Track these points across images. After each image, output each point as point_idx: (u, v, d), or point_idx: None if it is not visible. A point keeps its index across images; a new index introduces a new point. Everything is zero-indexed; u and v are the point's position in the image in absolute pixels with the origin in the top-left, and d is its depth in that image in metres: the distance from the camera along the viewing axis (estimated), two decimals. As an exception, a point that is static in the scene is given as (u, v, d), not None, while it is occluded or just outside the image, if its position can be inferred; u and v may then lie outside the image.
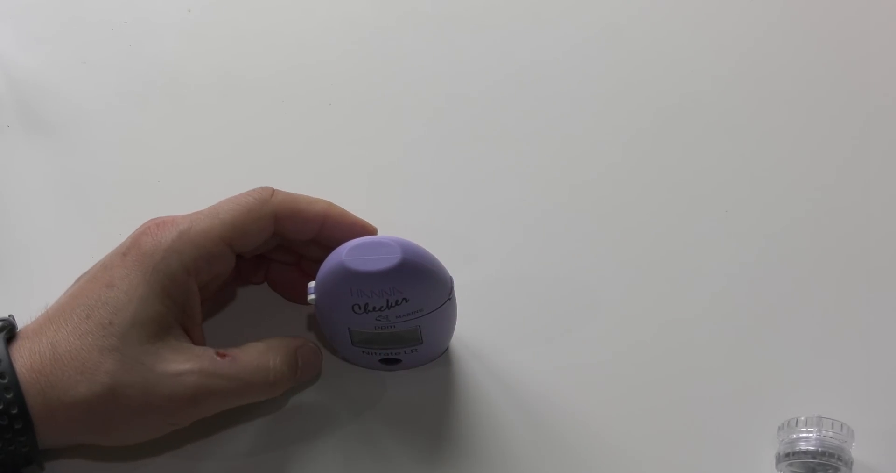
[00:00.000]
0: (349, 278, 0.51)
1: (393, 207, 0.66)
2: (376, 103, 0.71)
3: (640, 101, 0.70)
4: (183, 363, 0.52)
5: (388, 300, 0.52)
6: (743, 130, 0.69)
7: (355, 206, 0.58)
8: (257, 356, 0.54)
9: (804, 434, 0.55)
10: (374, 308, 0.53)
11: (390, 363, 0.58)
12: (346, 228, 0.56)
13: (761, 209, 0.66)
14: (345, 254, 0.51)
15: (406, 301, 0.53)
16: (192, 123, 0.71)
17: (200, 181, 0.68)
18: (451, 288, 0.54)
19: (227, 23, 0.75)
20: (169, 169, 0.69)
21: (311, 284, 0.53)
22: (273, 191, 0.55)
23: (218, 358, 0.52)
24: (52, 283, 0.64)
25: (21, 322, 0.55)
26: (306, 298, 0.53)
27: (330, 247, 0.52)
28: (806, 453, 0.54)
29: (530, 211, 0.66)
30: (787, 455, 0.55)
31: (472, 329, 0.61)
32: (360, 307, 0.53)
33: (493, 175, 0.68)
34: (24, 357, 0.51)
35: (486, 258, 0.65)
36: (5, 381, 0.50)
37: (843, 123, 0.69)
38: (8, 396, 0.50)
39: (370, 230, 0.57)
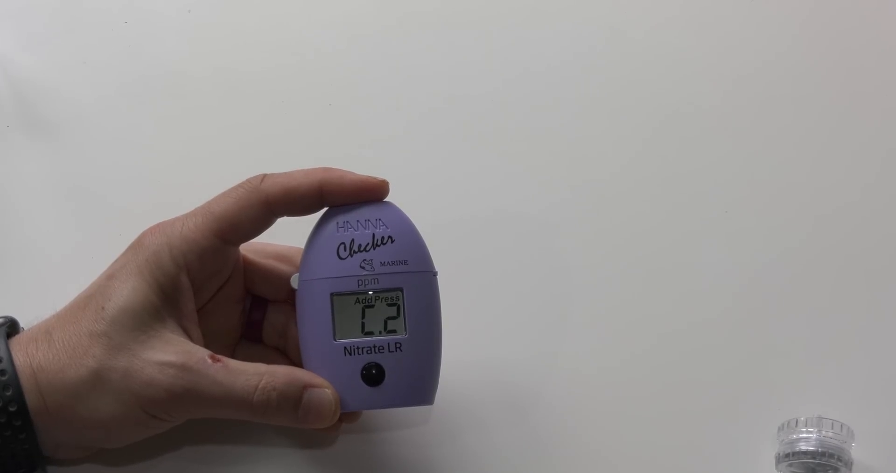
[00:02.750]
0: (337, 212, 0.54)
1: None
2: (376, 103, 0.71)
3: (639, 103, 0.70)
4: (170, 354, 0.51)
5: (374, 235, 0.54)
6: (743, 132, 0.69)
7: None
8: (250, 373, 0.52)
9: (804, 435, 0.55)
10: (359, 248, 0.54)
11: (373, 379, 0.54)
12: (348, 191, 0.54)
13: (761, 210, 0.66)
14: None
15: (392, 241, 0.54)
16: (192, 123, 0.71)
17: (200, 181, 0.68)
18: (435, 273, 0.55)
19: (227, 23, 0.75)
20: (169, 169, 0.69)
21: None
22: (264, 177, 0.55)
23: (209, 361, 0.52)
24: (52, 282, 0.64)
25: (23, 322, 0.55)
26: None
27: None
28: (806, 453, 0.55)
29: (530, 212, 0.66)
30: (787, 455, 0.55)
31: (468, 332, 0.61)
32: (345, 248, 0.54)
33: (493, 175, 0.68)
34: (21, 344, 0.52)
35: (485, 259, 0.65)
36: (5, 378, 0.50)
37: (843, 124, 0.69)
38: (7, 393, 0.50)
39: (374, 185, 0.55)
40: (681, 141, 0.69)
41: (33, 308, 0.61)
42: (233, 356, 0.56)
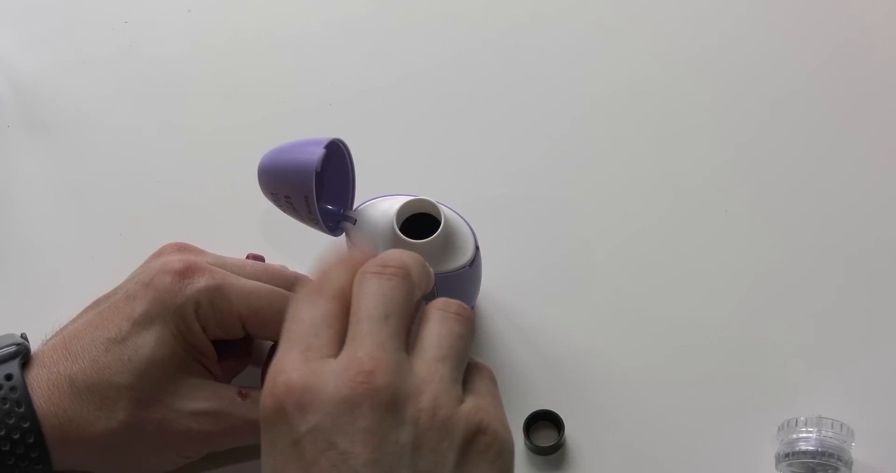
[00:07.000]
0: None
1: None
2: (376, 103, 0.71)
3: (641, 102, 0.70)
4: (202, 401, 0.52)
5: None
6: (744, 134, 0.69)
7: (354, 205, 0.58)
8: None
9: (804, 434, 0.55)
10: None
11: None
12: None
13: (761, 211, 0.66)
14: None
15: None
16: (192, 123, 0.71)
17: (200, 181, 0.68)
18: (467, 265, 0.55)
19: (227, 23, 0.75)
20: (169, 169, 0.69)
21: None
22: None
23: (239, 399, 0.52)
24: (52, 281, 0.65)
25: (18, 327, 0.55)
26: None
27: None
28: (806, 453, 0.54)
29: (529, 213, 0.66)
30: (787, 455, 0.55)
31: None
32: None
33: (493, 176, 0.68)
34: (41, 388, 0.51)
35: (484, 260, 0.65)
36: (22, 410, 0.50)
37: (847, 125, 0.69)
38: (25, 425, 0.50)
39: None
40: (681, 142, 0.69)
41: (34, 308, 0.61)
42: (248, 351, 0.57)
